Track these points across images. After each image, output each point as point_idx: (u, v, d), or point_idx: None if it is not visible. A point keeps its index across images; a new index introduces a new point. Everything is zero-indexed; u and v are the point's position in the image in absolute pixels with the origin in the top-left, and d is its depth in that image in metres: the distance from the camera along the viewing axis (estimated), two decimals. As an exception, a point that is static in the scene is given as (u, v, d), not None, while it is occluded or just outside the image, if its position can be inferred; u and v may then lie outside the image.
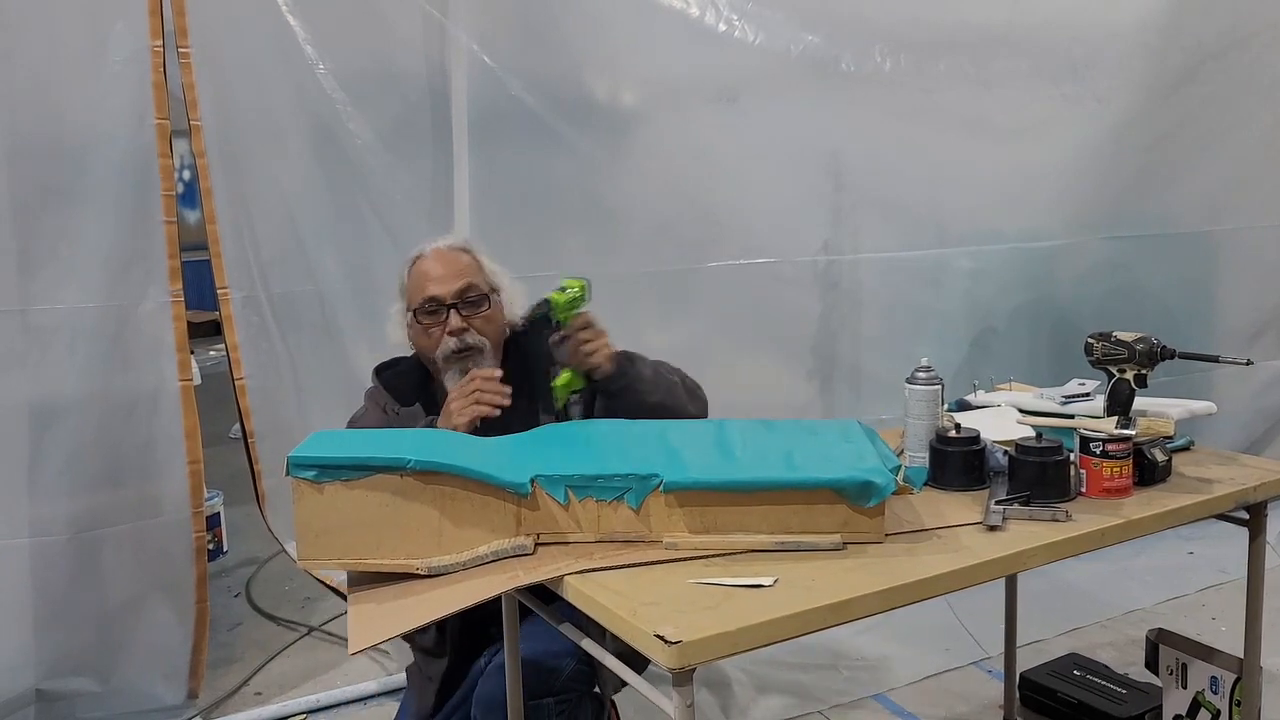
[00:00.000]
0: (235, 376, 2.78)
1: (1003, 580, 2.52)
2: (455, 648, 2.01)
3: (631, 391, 1.93)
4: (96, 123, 2.55)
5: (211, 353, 7.23)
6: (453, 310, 1.97)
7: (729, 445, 1.69)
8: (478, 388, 1.85)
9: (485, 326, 2.00)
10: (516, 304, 2.08)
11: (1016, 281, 3.63)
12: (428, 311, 1.98)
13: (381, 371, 2.11)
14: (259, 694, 2.96)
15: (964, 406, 2.30)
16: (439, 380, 2.03)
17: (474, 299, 2.00)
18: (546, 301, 1.92)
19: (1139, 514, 1.70)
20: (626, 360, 1.96)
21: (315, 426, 2.53)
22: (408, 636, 1.96)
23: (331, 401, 2.96)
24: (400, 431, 1.83)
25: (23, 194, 2.49)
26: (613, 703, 2.14)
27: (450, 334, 1.95)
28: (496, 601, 1.80)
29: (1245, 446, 3.92)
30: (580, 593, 1.41)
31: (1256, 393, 4.02)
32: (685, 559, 1.49)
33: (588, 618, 1.42)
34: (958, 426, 1.88)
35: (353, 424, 2.05)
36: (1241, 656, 2.08)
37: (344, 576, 1.64)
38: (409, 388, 2.05)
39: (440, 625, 2.02)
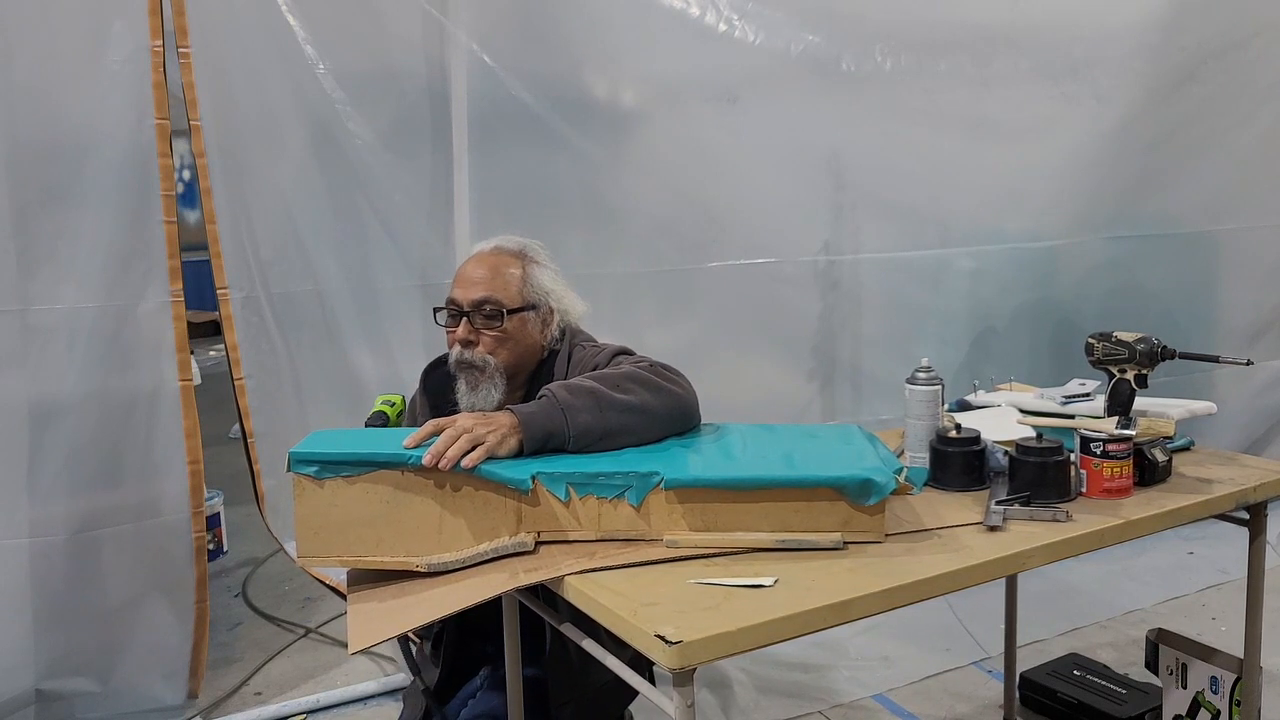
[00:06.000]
0: (235, 376, 2.78)
1: (1003, 580, 2.53)
2: (449, 660, 1.98)
3: (593, 445, 1.64)
4: (96, 123, 2.55)
5: (211, 353, 7.26)
6: (465, 319, 1.89)
7: (730, 446, 1.68)
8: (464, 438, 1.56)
9: (495, 344, 1.87)
10: (570, 321, 1.97)
11: (1017, 281, 3.63)
12: (448, 314, 1.93)
13: (429, 374, 2.03)
14: (259, 694, 2.96)
15: (964, 406, 2.30)
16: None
17: (488, 313, 1.87)
18: (384, 415, 1.96)
19: (1139, 514, 1.70)
20: (540, 429, 1.61)
21: (315, 426, 2.53)
22: (408, 636, 1.94)
23: (331, 401, 2.96)
24: (402, 429, 1.82)
25: (22, 194, 2.49)
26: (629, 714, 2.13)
27: (458, 342, 1.89)
28: (495, 619, 1.80)
29: (1245, 446, 3.93)
30: (581, 593, 1.41)
31: (1256, 393, 4.03)
32: (686, 558, 1.49)
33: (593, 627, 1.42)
34: (958, 427, 1.88)
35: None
36: (1241, 656, 2.08)
37: (343, 575, 1.64)
38: (451, 388, 1.94)
39: (437, 636, 2.01)
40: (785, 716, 2.76)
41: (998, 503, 1.68)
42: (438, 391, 1.97)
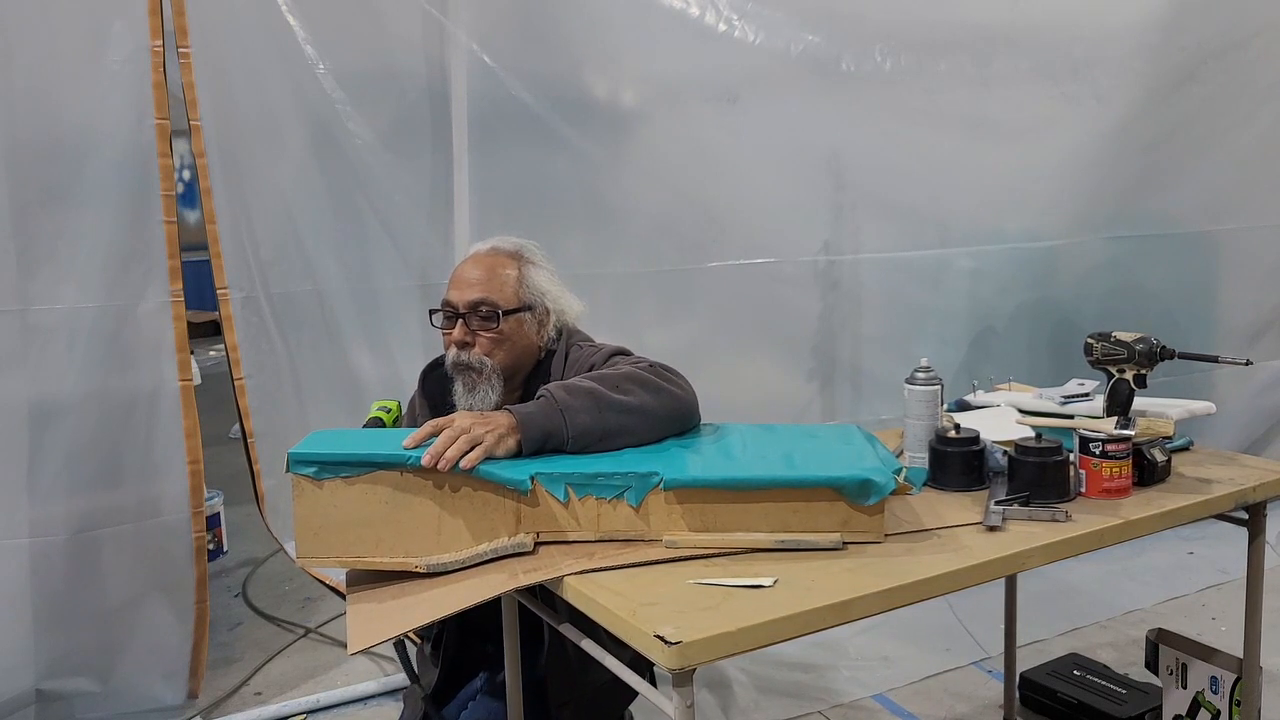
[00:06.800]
0: (235, 376, 2.78)
1: (1003, 580, 2.53)
2: (448, 660, 1.98)
3: (592, 446, 1.64)
4: (96, 123, 2.55)
5: (211, 353, 7.26)
6: (461, 320, 1.88)
7: (729, 447, 1.68)
8: (463, 438, 1.56)
9: (492, 346, 1.86)
10: (566, 321, 1.97)
11: (1016, 281, 3.63)
12: (444, 315, 1.92)
13: (427, 375, 2.02)
14: (259, 694, 2.96)
15: (963, 406, 2.30)
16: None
17: (484, 314, 1.86)
18: (380, 421, 1.97)
19: (1138, 514, 1.70)
20: (539, 429, 1.60)
21: (315, 426, 2.53)
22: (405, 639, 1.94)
23: (331, 401, 2.96)
24: (402, 430, 1.82)
25: (22, 194, 2.49)
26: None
27: (454, 344, 1.89)
28: (495, 620, 1.80)
29: (1245, 446, 3.93)
30: (580, 593, 1.41)
31: (1256, 393, 4.02)
32: (685, 559, 1.49)
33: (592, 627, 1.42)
34: (957, 427, 1.88)
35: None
36: (1241, 656, 2.08)
37: (343, 575, 1.64)
38: (449, 389, 1.92)
39: (437, 637, 2.01)
40: (785, 716, 2.76)
41: (997, 503, 1.68)
42: (436, 393, 1.96)
